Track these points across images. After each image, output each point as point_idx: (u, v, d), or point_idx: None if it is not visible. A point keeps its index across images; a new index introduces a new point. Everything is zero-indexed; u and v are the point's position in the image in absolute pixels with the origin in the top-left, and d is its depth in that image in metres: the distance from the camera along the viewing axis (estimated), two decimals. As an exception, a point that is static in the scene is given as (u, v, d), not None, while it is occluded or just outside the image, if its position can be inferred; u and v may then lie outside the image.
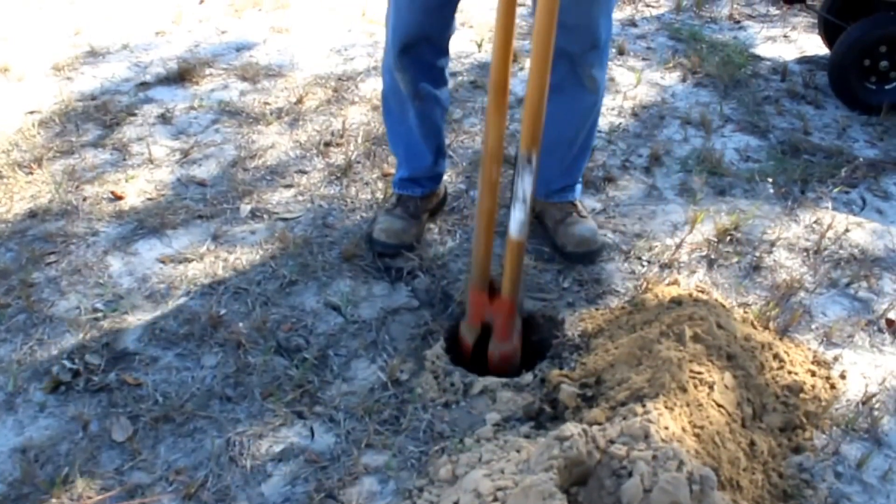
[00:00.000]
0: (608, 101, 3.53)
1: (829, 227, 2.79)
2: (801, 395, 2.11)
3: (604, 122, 3.36)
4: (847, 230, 2.81)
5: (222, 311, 2.38)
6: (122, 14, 4.33)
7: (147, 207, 2.81)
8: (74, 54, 3.87)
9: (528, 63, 3.76)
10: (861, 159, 3.16)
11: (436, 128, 2.60)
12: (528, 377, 2.18)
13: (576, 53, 2.33)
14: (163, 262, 2.58)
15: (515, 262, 2.09)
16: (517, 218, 2.02)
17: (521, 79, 3.72)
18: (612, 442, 1.72)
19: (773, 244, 2.73)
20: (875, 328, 2.43)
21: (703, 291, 2.45)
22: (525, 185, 1.98)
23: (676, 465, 1.62)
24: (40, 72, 3.72)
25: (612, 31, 2.40)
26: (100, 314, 2.37)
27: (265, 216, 2.79)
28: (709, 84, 3.75)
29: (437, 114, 2.57)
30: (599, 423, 1.85)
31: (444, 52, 2.51)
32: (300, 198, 2.89)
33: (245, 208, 2.82)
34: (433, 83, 2.50)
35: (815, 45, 4.14)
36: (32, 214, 2.76)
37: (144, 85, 3.63)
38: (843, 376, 2.25)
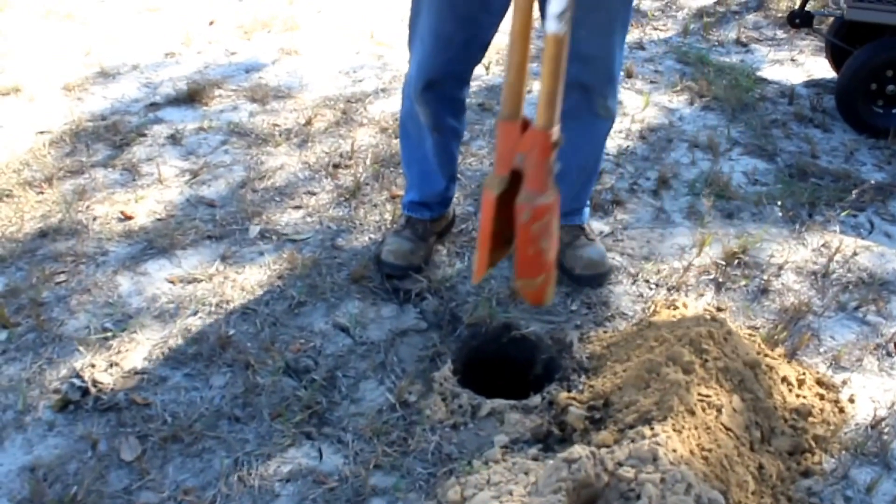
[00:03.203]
0: (616, 124, 3.52)
1: (837, 250, 2.79)
2: (810, 419, 2.11)
3: (612, 145, 3.37)
4: (855, 253, 2.81)
5: (231, 332, 2.39)
6: (132, 35, 4.37)
7: (156, 227, 2.82)
8: (85, 75, 3.91)
9: (535, 86, 3.80)
10: (869, 182, 3.16)
11: (451, 156, 2.60)
12: (536, 399, 2.18)
13: (592, 85, 2.31)
14: (172, 282, 2.59)
15: (554, 72, 1.53)
16: (557, 3, 1.47)
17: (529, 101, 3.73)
18: (620, 464, 1.71)
19: (781, 267, 2.73)
20: (884, 352, 2.43)
21: (711, 315, 2.45)
22: None
23: (685, 487, 1.62)
24: (51, 92, 3.74)
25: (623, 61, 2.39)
26: (109, 333, 2.38)
27: (274, 237, 2.80)
28: (716, 107, 3.76)
29: (454, 144, 2.58)
30: (608, 446, 1.85)
31: (468, 83, 2.48)
32: (309, 219, 2.90)
33: (254, 229, 2.83)
34: (453, 115, 2.48)
35: (823, 69, 4.15)
36: (43, 234, 2.77)
37: (154, 105, 3.66)
38: (851, 400, 2.25)
